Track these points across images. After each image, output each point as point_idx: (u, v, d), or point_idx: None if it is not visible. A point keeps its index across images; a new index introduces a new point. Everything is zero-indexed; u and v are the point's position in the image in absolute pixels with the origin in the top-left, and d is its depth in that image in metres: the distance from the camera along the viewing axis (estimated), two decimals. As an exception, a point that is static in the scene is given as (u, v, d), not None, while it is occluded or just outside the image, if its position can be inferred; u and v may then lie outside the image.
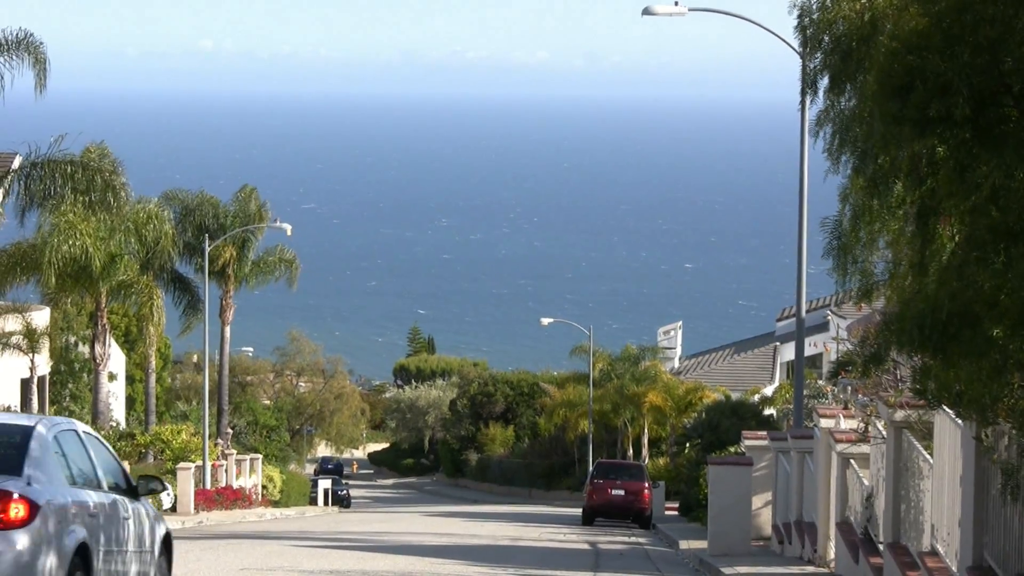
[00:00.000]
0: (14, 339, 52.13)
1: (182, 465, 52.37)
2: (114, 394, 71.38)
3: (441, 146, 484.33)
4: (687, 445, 69.92)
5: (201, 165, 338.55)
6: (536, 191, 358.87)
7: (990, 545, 16.04)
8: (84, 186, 46.06)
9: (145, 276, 57.74)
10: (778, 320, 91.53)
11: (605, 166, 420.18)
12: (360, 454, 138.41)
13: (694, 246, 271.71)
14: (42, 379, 56.26)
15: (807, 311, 40.79)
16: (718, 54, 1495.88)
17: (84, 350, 64.70)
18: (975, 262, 12.27)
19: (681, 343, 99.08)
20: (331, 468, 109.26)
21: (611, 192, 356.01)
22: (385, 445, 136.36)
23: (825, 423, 27.61)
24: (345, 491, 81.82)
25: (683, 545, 38.46)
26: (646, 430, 79.81)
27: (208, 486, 55.38)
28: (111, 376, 65.75)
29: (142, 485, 16.83)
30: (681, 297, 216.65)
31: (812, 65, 17.51)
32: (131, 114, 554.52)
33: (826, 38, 16.91)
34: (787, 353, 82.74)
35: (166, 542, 17.49)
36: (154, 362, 68.10)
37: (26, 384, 53.20)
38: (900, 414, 20.43)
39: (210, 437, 59.68)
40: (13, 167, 45.73)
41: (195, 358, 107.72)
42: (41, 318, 54.66)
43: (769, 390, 77.33)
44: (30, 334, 52.26)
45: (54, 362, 59.99)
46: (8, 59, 41.44)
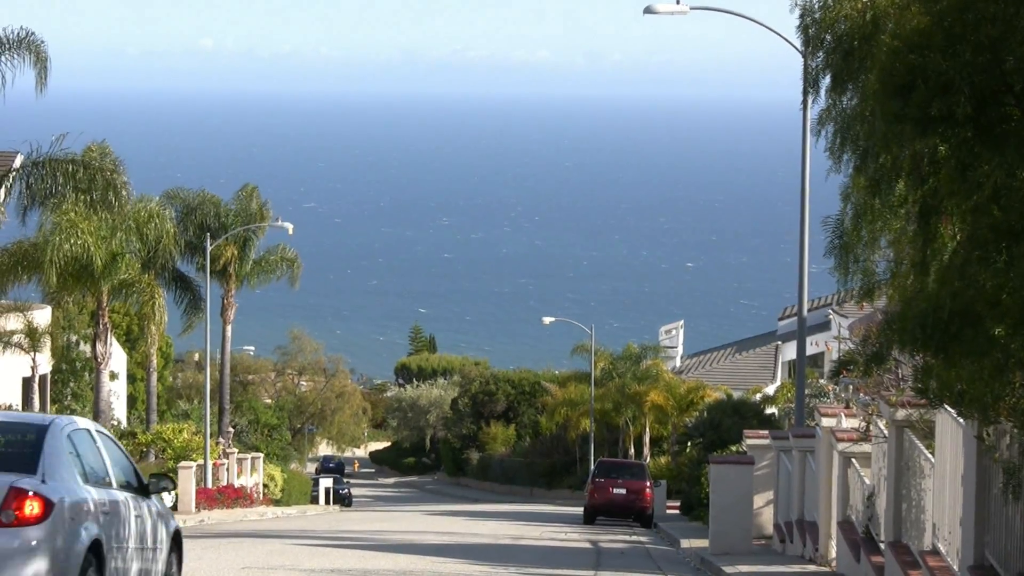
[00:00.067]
0: (16, 338, 52.14)
1: (183, 464, 52.40)
2: (115, 393, 71.42)
3: (442, 145, 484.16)
4: (688, 444, 69.95)
5: (202, 164, 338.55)
6: (537, 190, 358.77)
7: (991, 544, 16.04)
8: (85, 185, 46.14)
9: (146, 275, 57.68)
10: (780, 319, 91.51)
11: (606, 165, 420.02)
12: (361, 453, 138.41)
13: (695, 245, 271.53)
14: (43, 378, 56.27)
15: (809, 310, 40.76)
16: (719, 53, 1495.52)
17: (85, 349, 64.68)
18: (977, 261, 12.27)
19: (683, 342, 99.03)
20: (332, 467, 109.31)
21: (612, 191, 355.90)
22: (386, 444, 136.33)
23: (827, 422, 27.61)
24: (346, 490, 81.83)
25: (684, 544, 38.46)
26: (647, 429, 79.78)
27: (209, 485, 55.39)
28: (112, 375, 65.75)
29: (153, 483, 17.07)
30: (682, 296, 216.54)
31: (814, 64, 17.52)
32: (132, 113, 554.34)
33: (828, 37, 16.93)
34: (789, 352, 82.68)
35: (176, 539, 17.72)
36: (155, 361, 68.08)
37: (27, 383, 53.20)
38: (902, 413, 20.43)
39: (211, 436, 59.68)
40: (15, 166, 45.77)
41: (196, 357, 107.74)
42: (42, 317, 54.65)
43: (771, 389, 77.34)
44: (31, 333, 52.27)
45: (55, 361, 59.98)
46: (9, 58, 41.49)
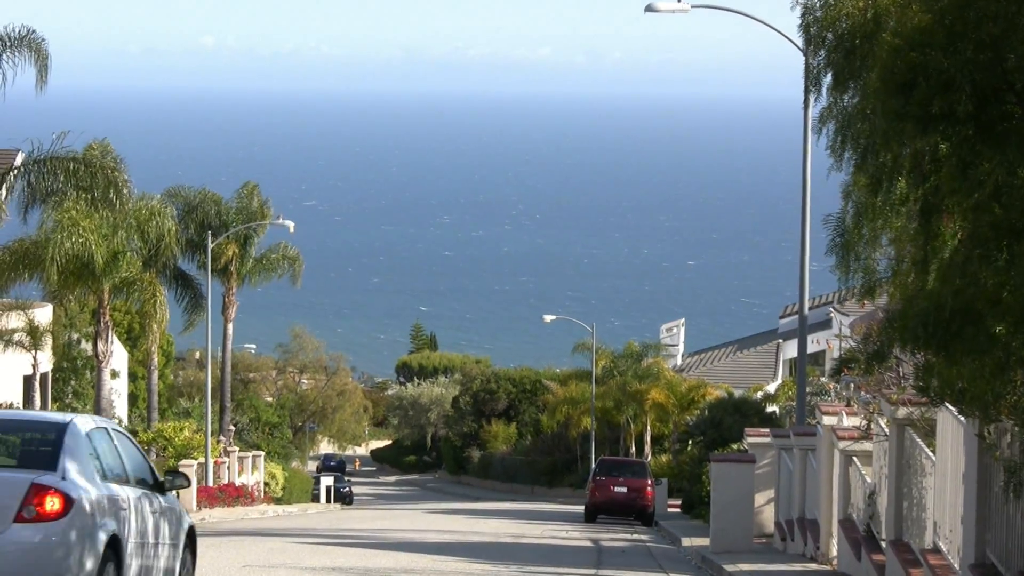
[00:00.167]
0: (17, 336, 52.13)
1: (184, 462, 52.39)
2: (116, 391, 71.44)
3: (443, 143, 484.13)
4: (689, 442, 70.01)
5: (203, 162, 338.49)
6: (538, 188, 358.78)
7: (992, 542, 16.04)
8: (87, 183, 46.15)
9: (148, 273, 57.63)
10: (781, 317, 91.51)
11: (607, 163, 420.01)
12: (362, 451, 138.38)
13: (696, 243, 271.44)
14: (44, 376, 56.29)
15: (810, 308, 40.74)
16: (720, 52, 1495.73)
17: (87, 347, 64.69)
18: (978, 259, 12.27)
19: (684, 340, 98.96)
20: (333, 465, 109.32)
21: (613, 189, 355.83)
22: (387, 442, 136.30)
23: (828, 420, 27.61)
24: (347, 488, 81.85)
25: (685, 542, 38.46)
26: (648, 427, 79.78)
27: (210, 483, 55.39)
28: (114, 373, 65.76)
29: (169, 480, 17.60)
30: (683, 294, 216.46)
31: (815, 62, 17.53)
32: (133, 111, 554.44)
33: (829, 35, 16.94)
34: (790, 350, 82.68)
35: (190, 535, 18.09)
36: (156, 359, 68.08)
37: (29, 381, 53.21)
38: (903, 411, 20.43)
39: (212, 434, 59.68)
40: (16, 164, 45.77)
41: (197, 355, 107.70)
42: (44, 315, 54.65)
43: (772, 387, 77.35)
44: (33, 331, 52.27)
45: (56, 359, 59.96)
46: (10, 56, 41.48)
